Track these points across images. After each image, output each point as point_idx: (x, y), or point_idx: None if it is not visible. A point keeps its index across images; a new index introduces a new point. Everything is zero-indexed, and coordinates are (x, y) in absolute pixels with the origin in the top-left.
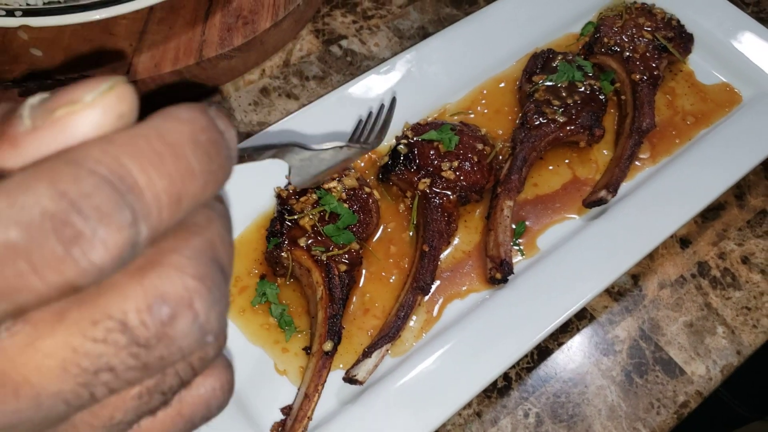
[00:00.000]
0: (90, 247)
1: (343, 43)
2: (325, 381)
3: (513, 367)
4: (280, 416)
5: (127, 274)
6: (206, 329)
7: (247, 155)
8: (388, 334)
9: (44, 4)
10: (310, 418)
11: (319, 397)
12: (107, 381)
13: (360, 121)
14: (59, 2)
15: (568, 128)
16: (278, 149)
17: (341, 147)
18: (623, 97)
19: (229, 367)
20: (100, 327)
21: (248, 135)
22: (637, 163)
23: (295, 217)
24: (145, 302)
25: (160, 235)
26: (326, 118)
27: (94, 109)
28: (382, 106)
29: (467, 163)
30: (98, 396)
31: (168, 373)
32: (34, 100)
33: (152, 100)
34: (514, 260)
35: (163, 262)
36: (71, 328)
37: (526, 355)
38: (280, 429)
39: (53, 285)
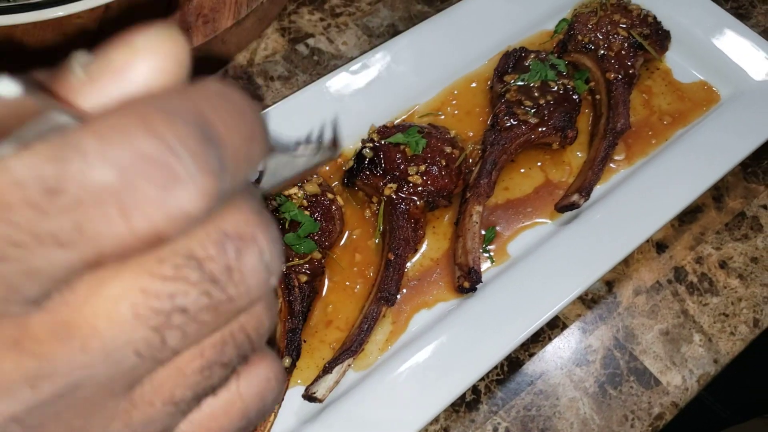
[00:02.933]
0: (185, 192)
1: (310, 41)
2: (282, 399)
3: (482, 379)
4: None
5: None
6: (271, 268)
7: None
8: (350, 348)
9: None
10: None
11: (275, 416)
12: (180, 325)
13: (310, 133)
14: (8, 1)
15: (540, 130)
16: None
17: (317, 151)
18: (598, 97)
19: (277, 359)
20: (167, 264)
21: None
22: (612, 165)
23: None
24: (210, 238)
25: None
26: (291, 119)
27: (154, 54)
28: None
29: (435, 167)
30: (170, 344)
31: (229, 337)
32: (81, 55)
33: None
34: (484, 267)
35: (212, 220)
36: (137, 269)
37: (495, 367)
38: None
39: (139, 233)
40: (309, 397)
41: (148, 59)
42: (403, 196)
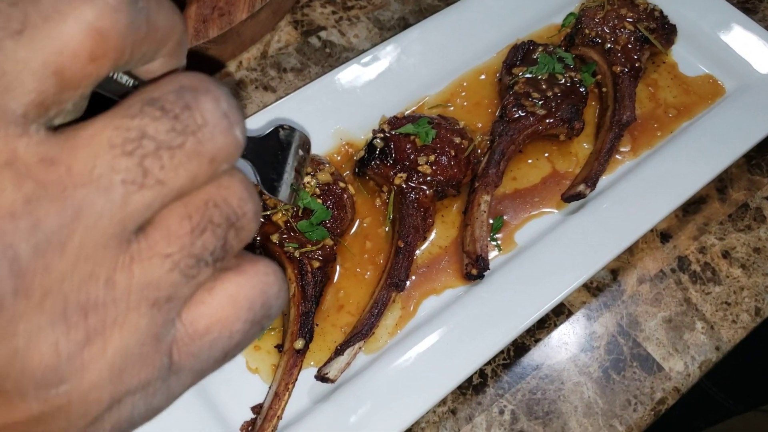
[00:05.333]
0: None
1: (322, 34)
2: (295, 379)
3: (489, 363)
4: (251, 415)
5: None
6: (230, 117)
7: None
8: (361, 331)
9: None
10: (280, 417)
11: (289, 395)
12: (153, 151)
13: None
14: None
15: (547, 121)
16: None
17: (281, 127)
18: (604, 90)
19: (274, 263)
20: (134, 108)
21: None
22: (618, 156)
23: (268, 212)
24: (168, 87)
25: (153, 29)
26: (303, 110)
27: None
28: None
29: (444, 157)
30: (153, 173)
31: (212, 201)
32: None
33: None
34: (491, 255)
35: (169, 77)
36: (108, 116)
37: (502, 352)
38: (250, 428)
39: (78, 37)
40: (321, 377)
41: None
42: (413, 185)
